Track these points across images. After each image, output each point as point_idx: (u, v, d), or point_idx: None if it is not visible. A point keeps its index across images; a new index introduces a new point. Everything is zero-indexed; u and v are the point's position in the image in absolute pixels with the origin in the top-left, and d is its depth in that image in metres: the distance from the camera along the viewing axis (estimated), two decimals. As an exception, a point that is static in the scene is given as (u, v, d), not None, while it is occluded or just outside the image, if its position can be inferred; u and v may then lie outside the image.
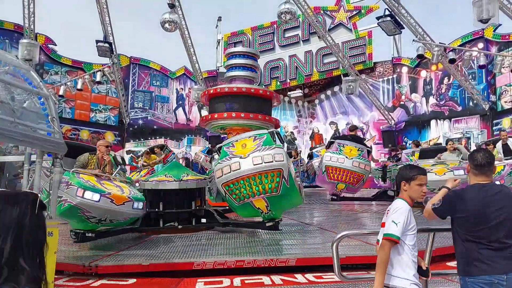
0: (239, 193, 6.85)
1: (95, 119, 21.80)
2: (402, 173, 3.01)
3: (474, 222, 2.82)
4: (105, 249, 6.46)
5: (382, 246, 2.81)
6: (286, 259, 5.72)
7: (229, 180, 6.84)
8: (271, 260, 5.68)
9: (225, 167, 6.88)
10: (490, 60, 17.58)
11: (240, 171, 6.76)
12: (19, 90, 3.56)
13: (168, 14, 16.24)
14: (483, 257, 2.77)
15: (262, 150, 6.91)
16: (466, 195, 2.90)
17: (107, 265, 5.58)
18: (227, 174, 6.84)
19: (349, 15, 23.17)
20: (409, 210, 2.87)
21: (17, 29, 19.09)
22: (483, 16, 11.69)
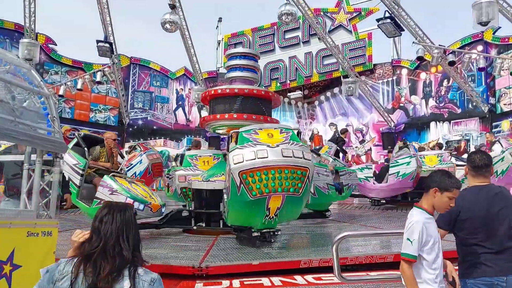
0: (258, 185, 5.86)
1: (94, 119, 21.79)
2: (438, 179, 2.76)
3: (474, 224, 2.81)
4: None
5: (401, 267, 2.73)
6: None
7: (250, 169, 5.84)
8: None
9: (249, 153, 5.90)
10: (489, 63, 17.61)
11: (267, 160, 5.85)
12: (19, 90, 3.56)
13: (169, 15, 16.25)
14: (483, 259, 2.77)
15: (290, 144, 6.15)
16: (466, 198, 2.89)
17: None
18: (250, 161, 5.87)
19: (349, 17, 23.18)
20: (424, 223, 2.70)
21: (18, 28, 19.09)
22: (482, 18, 11.71)
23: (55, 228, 3.60)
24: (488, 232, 2.79)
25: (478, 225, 2.81)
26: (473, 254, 2.83)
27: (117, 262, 1.92)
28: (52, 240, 3.53)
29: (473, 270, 2.81)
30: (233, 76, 13.16)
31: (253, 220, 6.46)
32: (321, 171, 8.58)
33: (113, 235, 2.00)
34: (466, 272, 2.86)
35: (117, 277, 1.88)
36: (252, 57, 13.52)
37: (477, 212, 2.83)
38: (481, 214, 2.82)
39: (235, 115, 12.11)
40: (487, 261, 2.77)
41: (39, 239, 3.37)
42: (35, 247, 3.34)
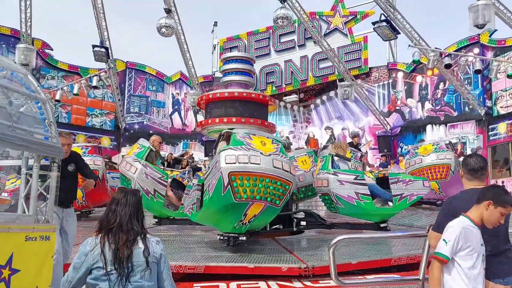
0: (244, 189, 5.90)
1: (91, 123, 21.76)
2: (494, 193, 2.75)
3: None
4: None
5: (431, 266, 2.74)
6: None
7: (241, 172, 5.89)
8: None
9: (243, 156, 5.96)
10: (486, 66, 17.70)
11: (259, 167, 5.92)
12: (16, 95, 3.56)
13: (165, 19, 16.29)
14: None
15: (280, 156, 6.23)
16: (463, 201, 2.90)
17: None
18: (243, 164, 5.93)
19: (345, 20, 23.26)
20: (464, 228, 2.69)
21: (14, 33, 19.08)
22: (479, 21, 11.78)
23: (52, 233, 3.60)
24: (486, 235, 2.80)
25: None
26: None
27: (130, 234, 2.67)
28: (50, 244, 3.54)
29: None
30: (229, 80, 13.22)
31: (223, 223, 6.53)
32: (345, 178, 7.49)
33: (126, 215, 2.73)
34: None
35: (133, 243, 2.66)
36: (247, 61, 13.59)
37: None
38: None
39: (232, 119, 12.16)
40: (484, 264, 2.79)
41: (37, 243, 3.38)
42: (33, 251, 3.35)
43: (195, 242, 7.78)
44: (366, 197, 7.09)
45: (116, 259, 2.56)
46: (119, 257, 2.57)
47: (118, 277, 2.55)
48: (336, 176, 7.22)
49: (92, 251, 2.61)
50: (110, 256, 2.57)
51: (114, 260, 2.56)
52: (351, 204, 7.14)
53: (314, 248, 7.20)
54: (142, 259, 2.63)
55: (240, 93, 12.47)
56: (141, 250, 2.65)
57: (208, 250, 6.82)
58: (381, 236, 6.71)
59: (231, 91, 12.59)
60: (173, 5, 18.96)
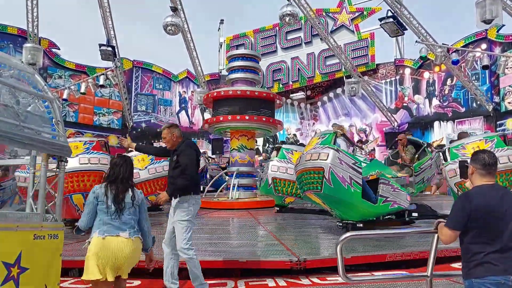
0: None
1: (98, 122, 21.86)
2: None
3: (485, 222, 2.80)
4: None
5: None
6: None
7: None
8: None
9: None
10: (493, 61, 17.56)
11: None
12: (23, 94, 3.58)
13: (171, 18, 16.29)
14: (490, 258, 2.77)
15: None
16: (479, 196, 2.87)
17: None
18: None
19: (351, 16, 23.19)
20: None
21: (21, 33, 19.19)
22: (486, 16, 11.69)
23: (61, 231, 3.62)
24: (496, 231, 2.78)
25: (488, 224, 2.80)
26: (480, 254, 2.81)
27: (125, 185, 3.96)
28: (58, 243, 3.56)
29: (479, 270, 2.80)
30: (235, 77, 13.21)
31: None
32: (345, 159, 7.08)
33: (122, 173, 3.98)
34: (472, 272, 2.85)
35: (127, 191, 3.94)
36: (253, 59, 13.58)
37: (488, 211, 2.82)
38: (492, 213, 2.81)
39: (238, 116, 12.17)
40: (493, 260, 2.76)
41: (45, 241, 3.40)
42: (42, 249, 3.37)
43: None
44: (357, 186, 6.82)
45: (115, 200, 3.84)
46: (117, 199, 3.85)
47: (115, 211, 3.82)
48: (338, 154, 6.96)
49: (100, 195, 3.86)
50: (111, 197, 3.84)
51: (114, 200, 3.84)
52: (342, 186, 6.79)
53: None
54: (129, 201, 3.91)
55: (246, 91, 12.47)
56: (130, 196, 3.92)
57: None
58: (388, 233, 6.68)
59: (238, 89, 12.59)
60: (179, 4, 18.98)
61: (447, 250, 5.66)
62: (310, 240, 7.26)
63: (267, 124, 12.62)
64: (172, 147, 5.03)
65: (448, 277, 4.90)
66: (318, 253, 6.32)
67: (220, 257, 5.75)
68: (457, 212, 2.90)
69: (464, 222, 2.86)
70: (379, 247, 6.34)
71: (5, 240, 3.04)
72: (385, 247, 6.31)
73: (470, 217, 2.83)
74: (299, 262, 5.45)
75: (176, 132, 5.00)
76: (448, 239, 2.95)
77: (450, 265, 5.50)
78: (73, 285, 4.65)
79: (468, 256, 2.88)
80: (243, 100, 12.41)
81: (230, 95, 12.53)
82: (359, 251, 6.07)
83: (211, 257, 5.79)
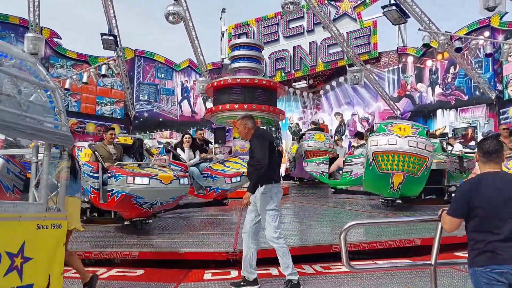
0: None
1: (100, 112, 21.86)
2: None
3: (487, 211, 2.78)
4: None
5: None
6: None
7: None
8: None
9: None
10: (496, 49, 17.44)
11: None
12: (25, 83, 3.56)
13: (172, 7, 16.19)
14: (493, 246, 2.75)
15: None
16: (482, 183, 2.84)
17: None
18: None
19: (354, 5, 23.01)
20: None
21: (22, 23, 19.13)
22: (489, 4, 11.60)
23: (64, 221, 3.62)
24: (499, 219, 2.76)
25: (491, 212, 2.78)
26: (483, 242, 2.79)
27: None
28: (61, 232, 3.56)
29: (482, 258, 2.78)
30: (237, 66, 13.17)
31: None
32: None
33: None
34: (475, 260, 2.83)
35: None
36: (255, 47, 13.51)
37: (491, 198, 2.80)
38: (494, 200, 2.79)
39: (236, 105, 12.13)
40: (497, 249, 2.74)
41: (48, 231, 3.40)
42: (45, 239, 3.37)
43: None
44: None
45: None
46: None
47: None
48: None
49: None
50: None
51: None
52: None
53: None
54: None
55: (248, 80, 12.42)
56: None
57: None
58: (392, 221, 6.70)
59: (240, 78, 12.54)
60: (181, -8, 18.84)
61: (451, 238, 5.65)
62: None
63: (268, 113, 12.59)
64: (245, 138, 5.00)
65: (452, 265, 4.90)
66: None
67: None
68: (457, 199, 2.89)
69: (464, 210, 2.84)
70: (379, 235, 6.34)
71: (8, 230, 3.04)
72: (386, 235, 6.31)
73: (470, 205, 2.81)
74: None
75: (249, 124, 4.91)
76: (448, 227, 2.93)
77: (454, 254, 5.50)
78: (76, 274, 4.67)
79: (472, 244, 2.87)
80: (244, 88, 12.37)
81: (231, 84, 12.49)
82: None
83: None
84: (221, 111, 12.49)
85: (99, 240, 6.50)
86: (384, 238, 6.13)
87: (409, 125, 8.26)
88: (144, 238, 6.58)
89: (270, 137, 4.99)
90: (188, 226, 7.77)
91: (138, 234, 6.79)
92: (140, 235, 6.75)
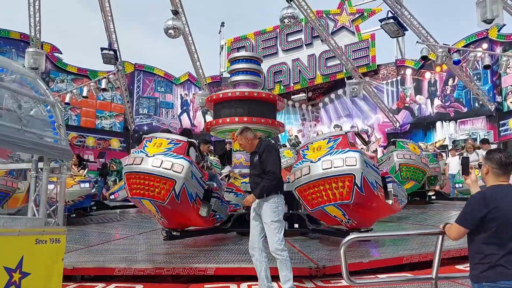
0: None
1: (100, 125, 21.89)
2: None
3: (502, 223, 2.72)
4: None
5: None
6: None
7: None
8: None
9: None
10: (495, 61, 17.53)
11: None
12: (26, 98, 3.58)
13: (172, 21, 16.29)
14: (504, 261, 2.68)
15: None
16: (497, 195, 2.79)
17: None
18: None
19: (352, 18, 23.18)
20: None
21: (23, 38, 19.25)
22: (487, 16, 11.64)
23: (63, 235, 3.61)
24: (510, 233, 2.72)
25: (505, 225, 2.73)
26: (493, 256, 2.71)
27: None
28: (60, 247, 3.54)
29: (492, 273, 2.70)
30: (236, 80, 13.18)
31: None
32: None
33: None
34: (483, 275, 2.75)
35: None
36: (254, 61, 13.53)
37: (506, 211, 2.75)
38: (507, 213, 2.75)
39: (236, 118, 12.14)
40: (508, 264, 2.69)
41: (47, 246, 3.38)
42: (44, 254, 3.35)
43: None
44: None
45: None
46: None
47: None
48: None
49: None
50: None
51: None
52: None
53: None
54: None
55: (248, 93, 12.45)
56: None
57: (218, 252, 6.82)
58: (392, 235, 6.67)
59: (239, 91, 12.57)
60: (180, 7, 19.00)
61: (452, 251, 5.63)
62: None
63: (268, 126, 12.59)
64: (250, 150, 5.03)
65: (453, 279, 4.86)
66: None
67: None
68: (469, 211, 2.80)
69: (475, 221, 2.77)
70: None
71: (7, 245, 3.03)
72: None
73: (483, 217, 2.75)
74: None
75: (249, 135, 4.97)
76: (456, 236, 2.89)
77: (455, 267, 5.46)
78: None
79: (480, 258, 2.78)
80: (243, 102, 12.39)
81: (230, 97, 12.51)
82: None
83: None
84: (221, 124, 12.49)
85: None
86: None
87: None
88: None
89: (277, 148, 5.07)
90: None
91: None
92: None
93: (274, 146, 5.13)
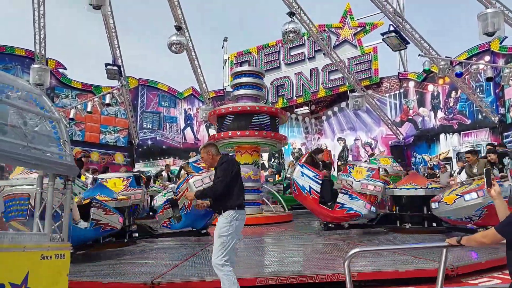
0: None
1: (105, 140, 21.98)
2: None
3: None
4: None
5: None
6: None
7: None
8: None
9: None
10: (497, 73, 17.55)
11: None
12: (31, 115, 3.62)
13: (175, 36, 16.42)
14: None
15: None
16: None
17: (172, 281, 5.35)
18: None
19: (354, 31, 23.32)
20: None
21: (28, 54, 19.47)
22: (488, 29, 11.72)
23: (67, 251, 3.62)
24: None
25: None
26: None
27: None
28: (65, 263, 3.56)
29: None
30: (239, 94, 13.33)
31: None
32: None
33: None
34: None
35: None
36: (257, 75, 13.69)
37: None
38: None
39: (238, 132, 12.22)
40: None
41: (52, 262, 3.40)
42: (49, 270, 3.37)
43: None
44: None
45: None
46: None
47: None
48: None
49: None
50: None
51: None
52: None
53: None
54: None
55: (250, 107, 12.53)
56: None
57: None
58: (397, 248, 6.64)
59: (242, 105, 12.66)
60: (183, 23, 19.20)
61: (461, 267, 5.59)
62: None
63: (270, 139, 12.65)
64: (211, 165, 4.98)
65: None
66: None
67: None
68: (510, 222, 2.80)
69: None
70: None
71: (12, 260, 3.04)
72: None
73: None
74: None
75: (212, 150, 4.91)
76: (491, 241, 2.87)
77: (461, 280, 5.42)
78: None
79: None
80: (246, 115, 12.49)
81: (233, 111, 12.61)
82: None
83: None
84: (224, 138, 12.56)
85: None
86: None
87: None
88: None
89: (237, 165, 4.97)
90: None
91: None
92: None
93: (231, 161, 4.92)
